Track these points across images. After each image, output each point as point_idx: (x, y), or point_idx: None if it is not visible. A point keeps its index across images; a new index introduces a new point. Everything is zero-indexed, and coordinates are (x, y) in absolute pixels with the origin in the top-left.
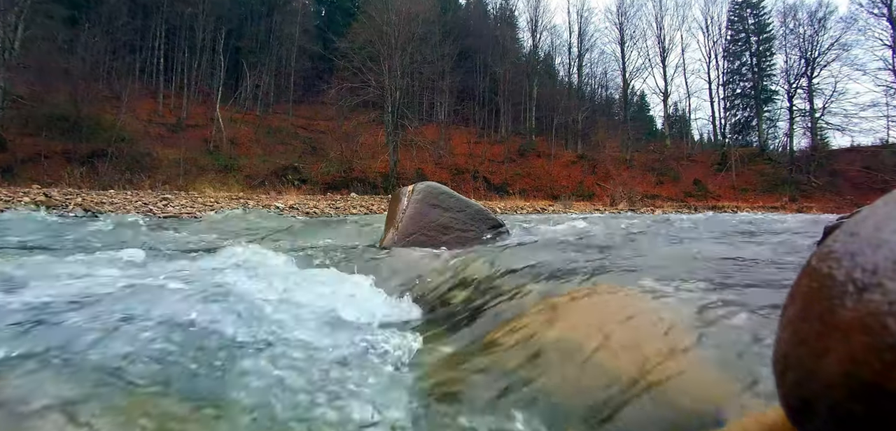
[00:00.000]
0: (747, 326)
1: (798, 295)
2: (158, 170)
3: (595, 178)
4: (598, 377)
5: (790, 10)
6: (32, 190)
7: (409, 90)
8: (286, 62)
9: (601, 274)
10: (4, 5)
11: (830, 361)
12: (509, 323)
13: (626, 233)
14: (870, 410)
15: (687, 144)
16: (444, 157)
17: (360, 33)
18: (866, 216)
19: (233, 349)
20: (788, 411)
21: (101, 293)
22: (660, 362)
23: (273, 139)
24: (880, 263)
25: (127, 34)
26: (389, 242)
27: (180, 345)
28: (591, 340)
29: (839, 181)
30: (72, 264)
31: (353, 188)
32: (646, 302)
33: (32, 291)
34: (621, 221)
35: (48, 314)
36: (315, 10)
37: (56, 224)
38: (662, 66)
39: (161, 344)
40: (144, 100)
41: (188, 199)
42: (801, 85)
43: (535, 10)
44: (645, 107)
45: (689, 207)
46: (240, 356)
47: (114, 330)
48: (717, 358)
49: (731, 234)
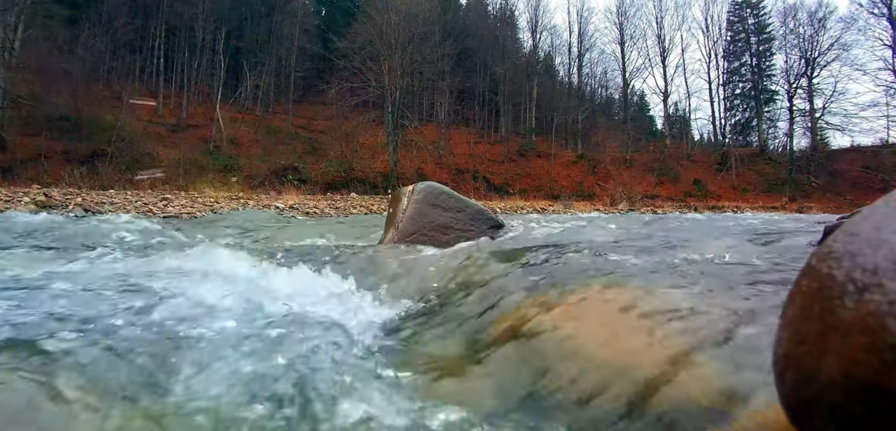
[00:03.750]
0: (747, 326)
1: (798, 295)
2: (158, 169)
3: (595, 178)
4: (597, 376)
5: (790, 11)
6: (32, 190)
7: (409, 90)
8: (286, 62)
9: (601, 273)
10: (4, 5)
11: (830, 361)
12: (509, 323)
13: (625, 233)
14: (869, 410)
15: (687, 144)
16: (444, 157)
17: (360, 33)
18: (866, 216)
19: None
20: (788, 411)
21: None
22: (659, 361)
23: (273, 139)
24: (880, 263)
25: (127, 34)
26: (390, 242)
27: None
28: (590, 340)
29: (839, 181)
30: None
31: (353, 188)
32: (645, 302)
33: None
34: (621, 221)
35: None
36: (315, 10)
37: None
38: (662, 66)
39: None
40: (144, 100)
41: (188, 199)
42: (801, 85)
43: (535, 10)
44: (645, 107)
45: (688, 207)
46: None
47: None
48: (716, 357)
49: (729, 233)
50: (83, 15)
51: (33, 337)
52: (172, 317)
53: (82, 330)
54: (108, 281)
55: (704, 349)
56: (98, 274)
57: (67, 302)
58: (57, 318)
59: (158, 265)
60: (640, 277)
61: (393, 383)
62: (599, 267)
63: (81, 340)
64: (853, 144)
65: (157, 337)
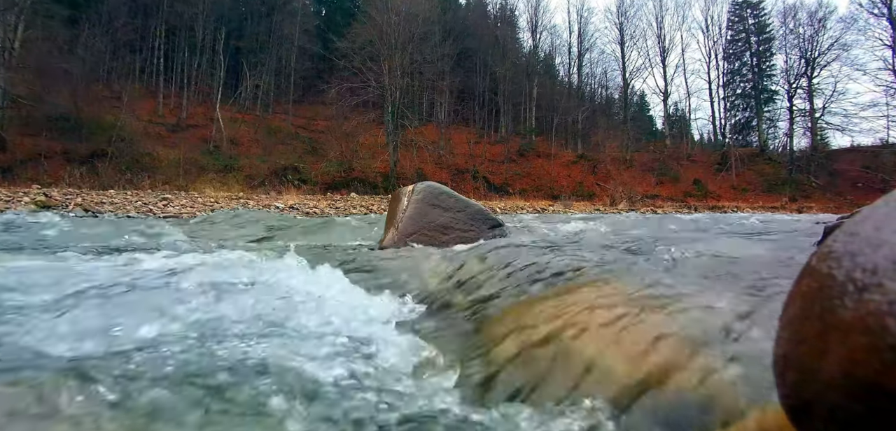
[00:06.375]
0: (747, 325)
1: (798, 295)
2: (158, 170)
3: (595, 178)
4: (597, 376)
5: (790, 11)
6: (32, 190)
7: (409, 90)
8: (286, 62)
9: (601, 273)
10: (4, 5)
11: (830, 361)
12: (509, 323)
13: (625, 233)
14: (869, 410)
15: (687, 144)
16: (444, 157)
17: (360, 33)
18: (866, 216)
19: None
20: (788, 411)
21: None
22: (659, 361)
23: (273, 139)
24: (880, 263)
25: (127, 34)
26: (389, 242)
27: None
28: (590, 340)
29: (839, 181)
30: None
31: (353, 188)
32: (644, 301)
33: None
34: (621, 221)
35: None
36: (315, 10)
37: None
38: (662, 66)
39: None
40: (144, 100)
41: (188, 199)
42: (801, 85)
43: (535, 10)
44: (645, 107)
45: (688, 207)
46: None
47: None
48: (716, 356)
49: (729, 233)
50: (83, 15)
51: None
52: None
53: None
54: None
55: (704, 348)
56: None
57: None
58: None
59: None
60: (638, 275)
61: (383, 377)
62: (599, 267)
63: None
64: (853, 144)
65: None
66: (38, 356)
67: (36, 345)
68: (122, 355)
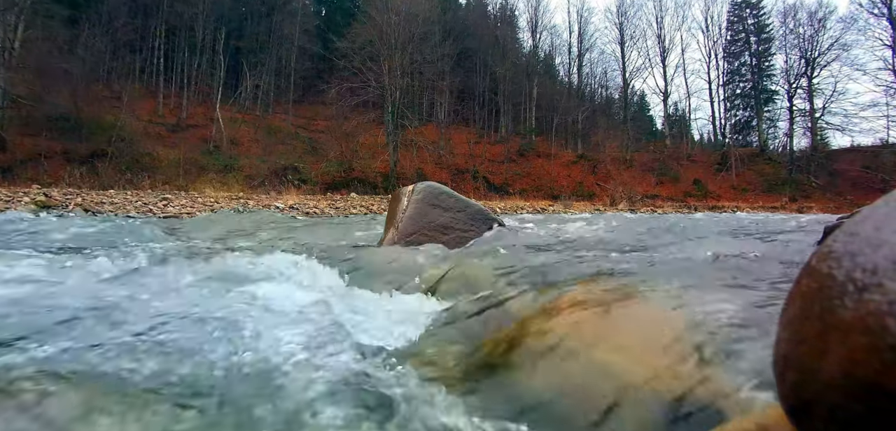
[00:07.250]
0: (746, 325)
1: (798, 295)
2: (158, 170)
3: (595, 178)
4: (597, 376)
5: (790, 11)
6: (32, 190)
7: (409, 90)
8: (286, 62)
9: (601, 273)
10: (4, 5)
11: (830, 361)
12: (508, 322)
13: (625, 233)
14: (869, 410)
15: (687, 144)
16: (444, 157)
17: (360, 33)
18: (866, 216)
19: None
20: (788, 411)
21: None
22: (659, 361)
23: (273, 139)
24: (880, 263)
25: (127, 34)
26: (389, 242)
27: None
28: (590, 339)
29: (839, 181)
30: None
31: (353, 188)
32: (644, 301)
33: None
34: (621, 221)
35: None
36: (315, 10)
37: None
38: (662, 66)
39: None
40: (144, 100)
41: (188, 199)
42: (801, 85)
43: (535, 10)
44: (645, 107)
45: (688, 207)
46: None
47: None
48: (716, 356)
49: (729, 233)
50: (83, 15)
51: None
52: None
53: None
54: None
55: (704, 348)
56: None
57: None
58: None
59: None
60: (637, 275)
61: (381, 376)
62: (598, 266)
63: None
64: (853, 144)
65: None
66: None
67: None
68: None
